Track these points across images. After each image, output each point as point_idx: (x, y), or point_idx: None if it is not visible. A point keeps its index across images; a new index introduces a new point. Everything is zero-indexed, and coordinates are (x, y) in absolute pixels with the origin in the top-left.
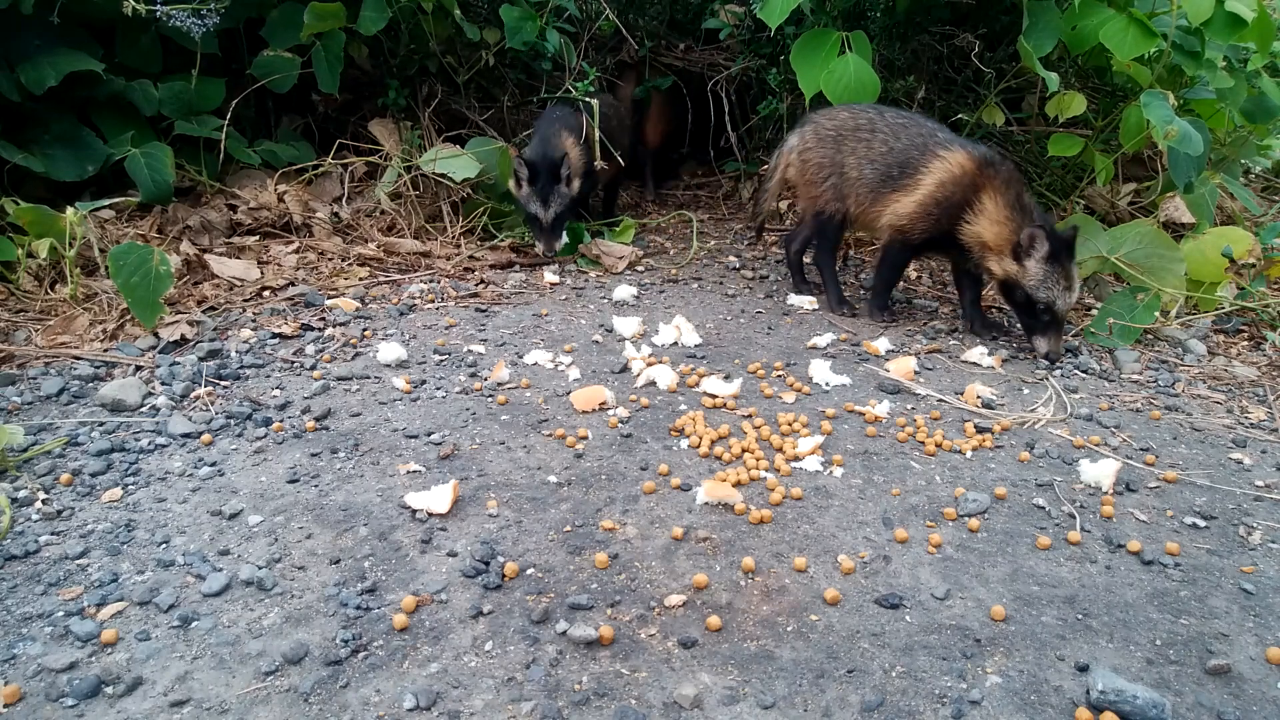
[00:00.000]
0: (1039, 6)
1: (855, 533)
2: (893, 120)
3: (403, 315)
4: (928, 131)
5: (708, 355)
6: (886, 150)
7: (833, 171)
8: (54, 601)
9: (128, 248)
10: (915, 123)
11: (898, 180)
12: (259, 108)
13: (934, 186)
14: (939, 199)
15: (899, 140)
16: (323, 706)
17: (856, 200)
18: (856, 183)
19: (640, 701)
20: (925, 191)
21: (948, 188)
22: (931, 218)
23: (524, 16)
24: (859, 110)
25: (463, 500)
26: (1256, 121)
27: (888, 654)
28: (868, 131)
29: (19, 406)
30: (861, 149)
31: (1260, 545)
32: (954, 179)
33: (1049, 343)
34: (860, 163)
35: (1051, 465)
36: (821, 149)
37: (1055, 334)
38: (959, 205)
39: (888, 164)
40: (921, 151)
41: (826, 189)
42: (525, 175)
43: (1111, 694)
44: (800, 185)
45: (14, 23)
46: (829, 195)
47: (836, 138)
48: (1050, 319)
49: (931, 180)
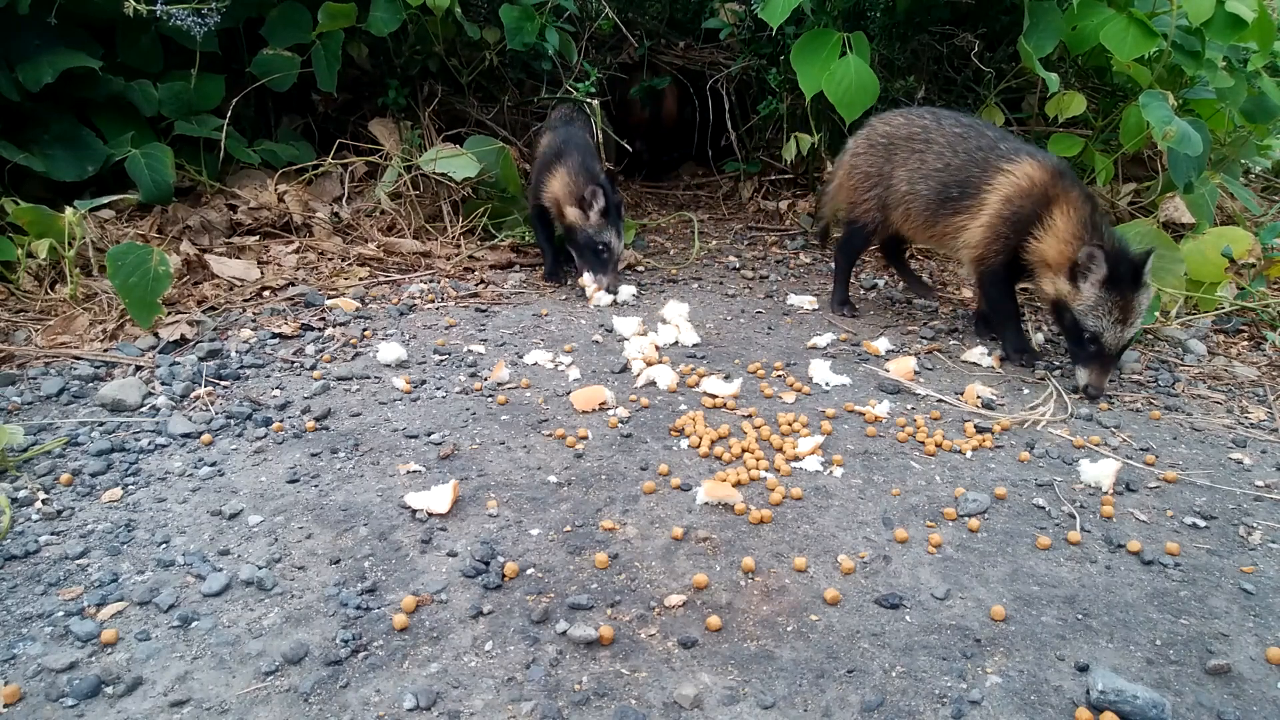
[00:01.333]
0: (1040, 7)
1: (855, 533)
2: (950, 130)
3: (403, 315)
4: (988, 143)
5: (708, 355)
6: (943, 166)
7: (878, 183)
8: (54, 601)
9: (126, 248)
10: (975, 132)
11: (959, 201)
12: (259, 107)
13: (1000, 204)
14: (1006, 216)
15: (956, 155)
16: (323, 706)
17: (908, 217)
18: (906, 198)
19: (640, 701)
20: (992, 211)
21: (1015, 203)
22: (1003, 239)
23: (524, 17)
24: (914, 116)
25: (463, 500)
26: (1256, 121)
27: (888, 654)
28: (921, 141)
29: (19, 406)
30: (914, 161)
31: (1260, 545)
32: (1022, 192)
33: (1090, 375)
34: (912, 177)
35: (1051, 465)
36: (871, 156)
37: (1099, 368)
38: (1029, 220)
39: (944, 183)
40: (983, 168)
41: (869, 200)
42: (600, 205)
43: (1111, 694)
44: (844, 189)
45: (13, 23)
46: (870, 207)
47: (888, 146)
48: (1096, 350)
49: (996, 197)
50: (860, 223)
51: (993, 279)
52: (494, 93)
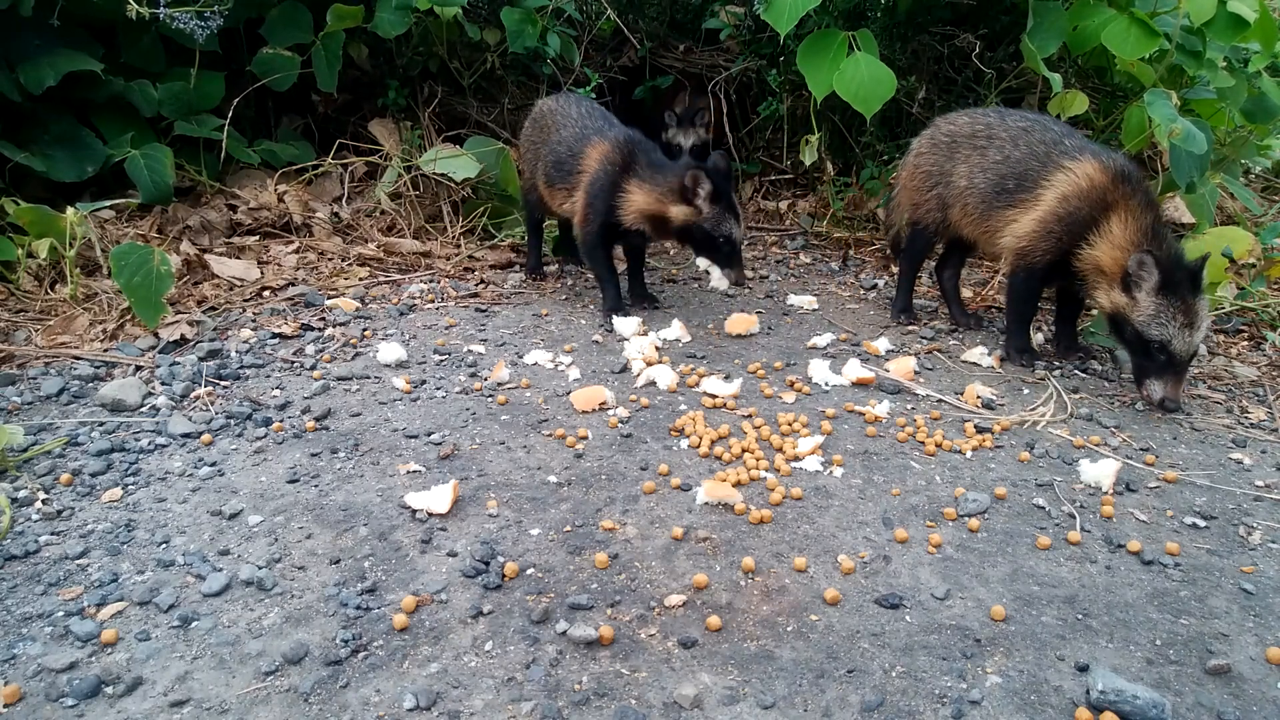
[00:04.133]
0: (1043, 6)
1: (855, 533)
2: (1014, 125)
3: (403, 315)
4: (1052, 138)
5: (708, 355)
6: (1001, 159)
7: (939, 181)
8: (54, 601)
9: (129, 248)
10: (1040, 127)
11: (1014, 194)
12: (259, 108)
13: (1056, 201)
14: (1061, 215)
15: (1017, 149)
16: (323, 706)
17: (964, 213)
18: (965, 193)
19: (640, 701)
20: (1046, 207)
21: (1072, 202)
22: (1054, 237)
23: (525, 19)
24: (978, 115)
25: (463, 500)
26: (1257, 121)
27: (888, 654)
28: (984, 138)
29: (19, 406)
30: (975, 157)
31: (1260, 545)
32: (1080, 193)
33: (1165, 388)
34: (971, 172)
35: (1051, 465)
36: (933, 156)
37: (1174, 379)
38: (1084, 224)
39: (1001, 175)
40: (1043, 162)
41: (930, 198)
42: (707, 191)
43: (1111, 694)
44: (907, 190)
45: (14, 23)
46: (931, 205)
47: (950, 144)
48: (1167, 360)
49: (1054, 194)
50: (922, 224)
51: (1028, 275)
52: (494, 94)
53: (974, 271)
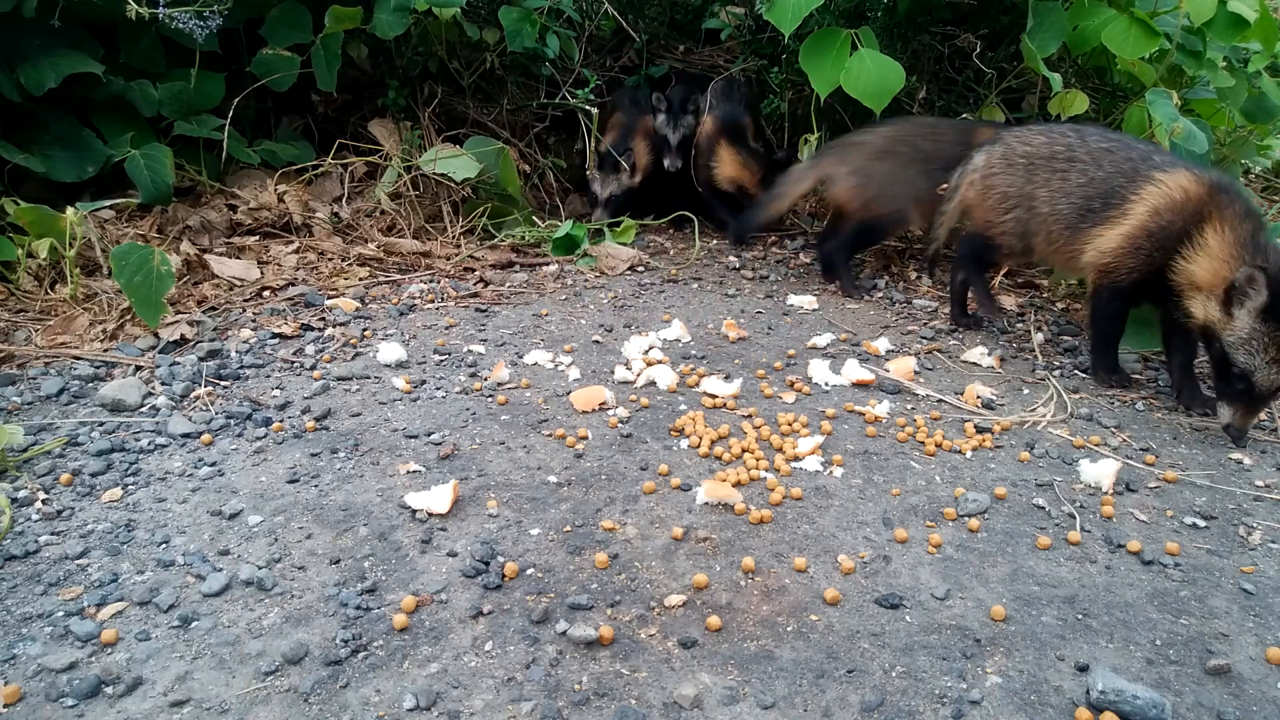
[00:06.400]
0: (1043, 6)
1: (855, 533)
2: (1096, 146)
3: (403, 315)
4: (1140, 154)
5: (708, 355)
6: (1086, 181)
7: (1019, 204)
8: (54, 601)
9: (129, 248)
10: (1125, 146)
11: (1100, 213)
12: (259, 108)
13: (1147, 215)
14: (1151, 230)
15: (1101, 169)
16: (323, 706)
17: (1049, 240)
18: (1049, 219)
19: (640, 701)
20: (1135, 221)
21: (1164, 216)
22: (1142, 253)
23: (524, 19)
24: (1057, 134)
25: (463, 500)
26: (1256, 121)
27: (888, 654)
28: (1064, 161)
29: (19, 406)
30: (1056, 181)
31: (1260, 545)
32: (1173, 205)
33: (1235, 415)
34: (1054, 197)
35: (1051, 465)
36: (1009, 176)
37: (1246, 409)
38: (1176, 237)
39: (1086, 196)
40: (1130, 178)
41: (1008, 222)
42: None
43: (1111, 694)
44: (978, 209)
45: (15, 24)
46: (1008, 229)
47: (1028, 166)
48: (1245, 389)
49: (1144, 208)
50: (995, 242)
51: (1112, 293)
52: (494, 94)
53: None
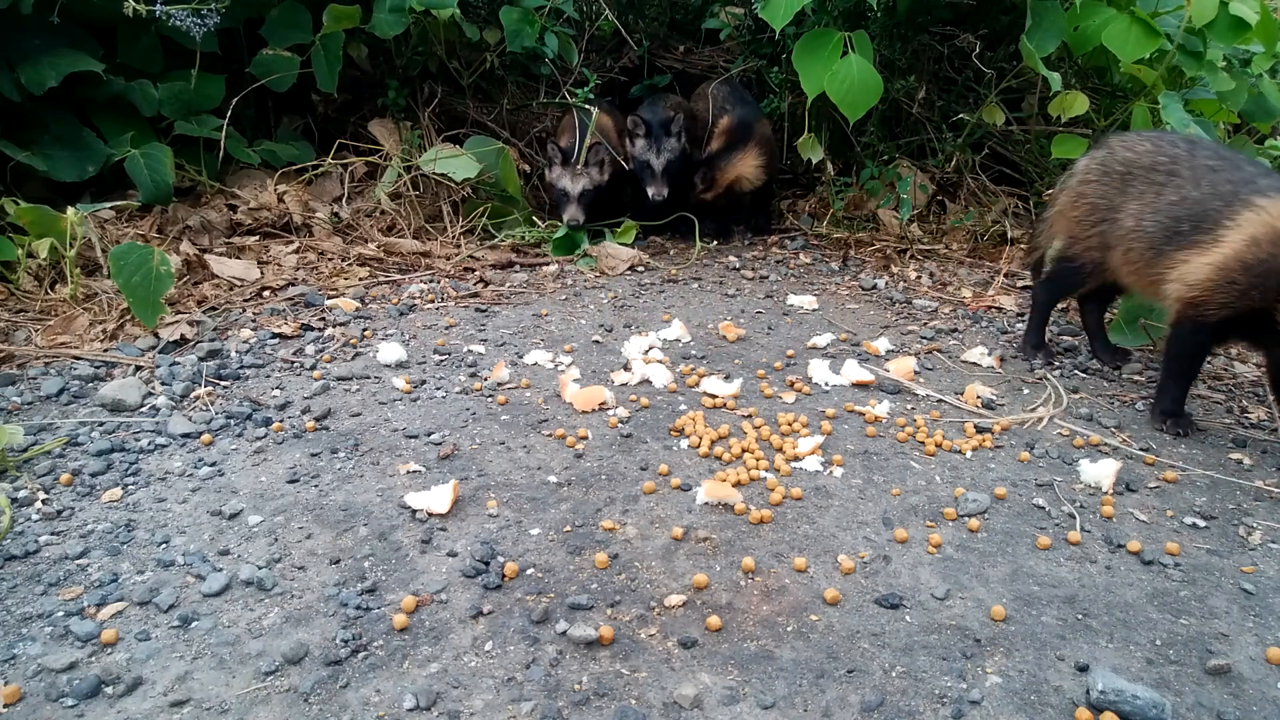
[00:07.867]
0: (1042, 6)
1: (855, 533)
2: (1201, 161)
3: (403, 315)
4: (1243, 177)
5: (708, 355)
6: (1178, 199)
7: (1105, 217)
8: (54, 601)
9: (128, 248)
10: (1231, 165)
11: (1189, 236)
12: (259, 108)
13: (1243, 245)
14: (1248, 262)
15: (1199, 187)
16: (323, 706)
17: (1126, 259)
18: (1131, 234)
19: (640, 701)
20: (1229, 250)
21: (1264, 249)
22: (1236, 288)
23: (524, 19)
24: (1165, 144)
25: (463, 500)
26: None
27: (888, 654)
28: (1164, 173)
29: (19, 406)
30: (1149, 195)
31: (1260, 545)
32: (1274, 238)
33: None
34: (1141, 212)
35: (1051, 465)
36: (1102, 185)
37: None
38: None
39: (1175, 216)
40: (1227, 201)
41: (1092, 235)
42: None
43: (1111, 694)
44: (1065, 219)
45: (14, 23)
46: (1091, 245)
47: (1124, 175)
48: None
49: (1239, 236)
50: (1077, 262)
51: (1195, 329)
52: (493, 94)
53: (973, 271)
